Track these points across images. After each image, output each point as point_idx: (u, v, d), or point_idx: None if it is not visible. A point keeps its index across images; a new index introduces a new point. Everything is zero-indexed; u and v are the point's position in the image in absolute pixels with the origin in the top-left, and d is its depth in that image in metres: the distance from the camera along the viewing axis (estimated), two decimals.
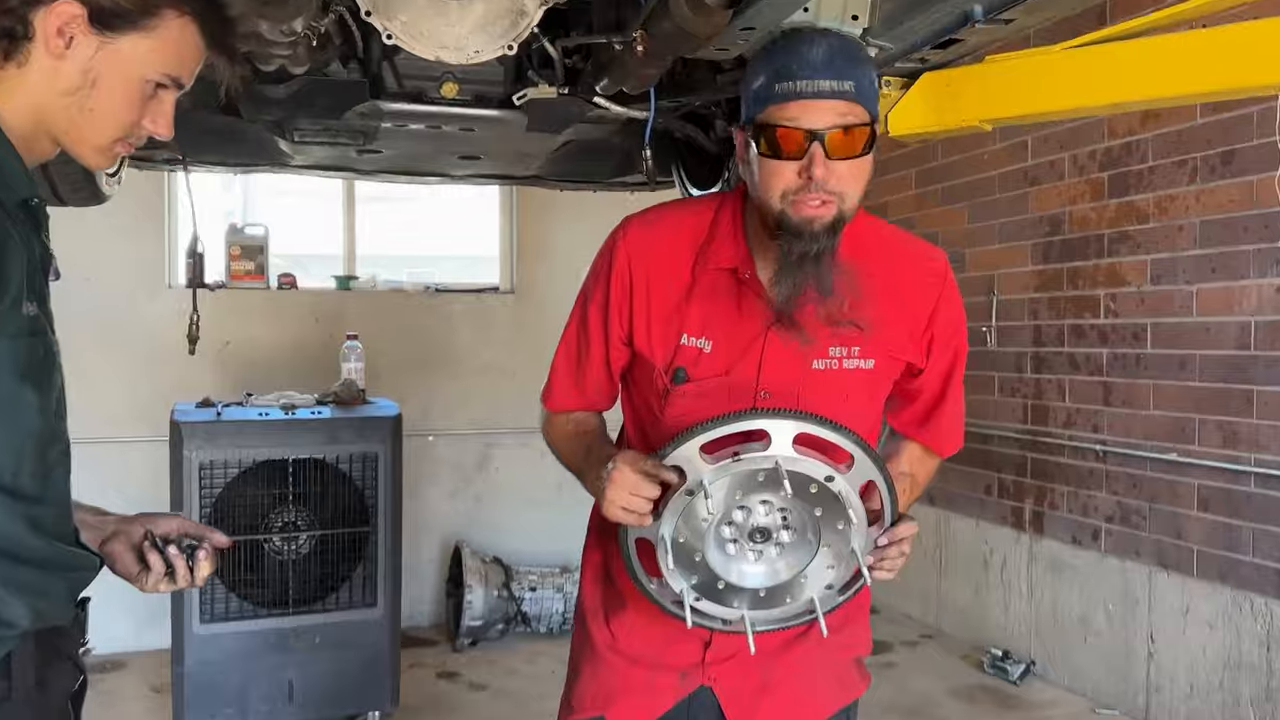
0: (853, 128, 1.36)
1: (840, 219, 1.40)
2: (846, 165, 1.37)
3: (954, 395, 1.63)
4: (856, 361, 1.52)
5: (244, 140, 2.79)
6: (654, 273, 1.54)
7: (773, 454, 1.31)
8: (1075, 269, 4.13)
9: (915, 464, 1.66)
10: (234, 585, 3.61)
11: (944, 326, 1.58)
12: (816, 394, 1.48)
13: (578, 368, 1.64)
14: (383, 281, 5.16)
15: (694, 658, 1.58)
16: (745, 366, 1.49)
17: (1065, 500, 4.19)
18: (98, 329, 4.62)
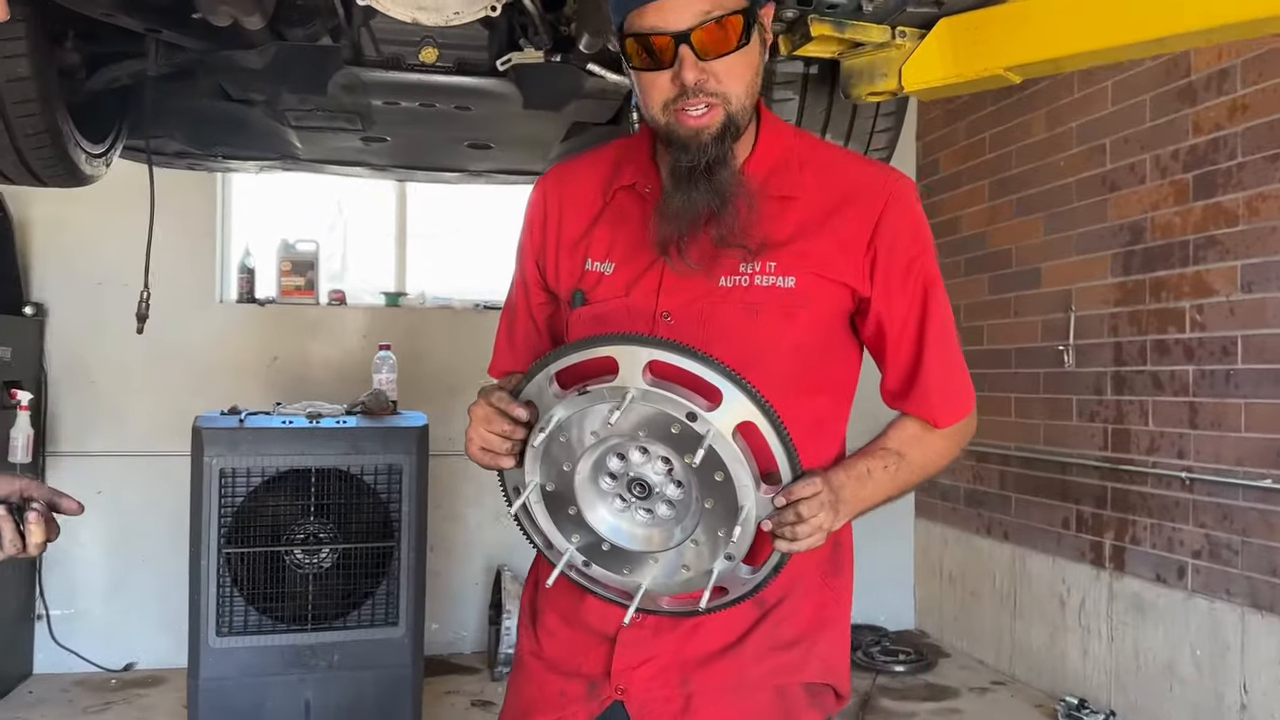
0: (721, 19, 1.21)
1: (730, 123, 1.26)
2: (723, 63, 1.24)
3: (936, 347, 1.36)
4: (772, 279, 1.30)
5: (249, 130, 2.71)
6: (566, 203, 1.43)
7: (621, 385, 1.11)
8: (1158, 279, 3.78)
9: (907, 442, 1.36)
10: (252, 598, 3.49)
11: (890, 244, 1.33)
12: (719, 313, 1.30)
13: (510, 324, 1.52)
14: (431, 299, 5.07)
15: (600, 664, 1.35)
16: (645, 287, 1.34)
17: (1149, 534, 3.80)
18: (146, 342, 4.60)
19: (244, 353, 4.80)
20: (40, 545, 1.25)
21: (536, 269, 1.47)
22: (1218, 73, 3.51)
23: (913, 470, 1.37)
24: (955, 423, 1.38)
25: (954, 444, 1.41)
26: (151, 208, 2.44)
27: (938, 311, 1.36)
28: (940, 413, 1.37)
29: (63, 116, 2.09)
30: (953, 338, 1.38)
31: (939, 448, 1.39)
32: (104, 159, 2.44)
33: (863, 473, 1.30)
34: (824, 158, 1.40)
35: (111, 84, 2.29)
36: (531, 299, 1.49)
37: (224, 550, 3.45)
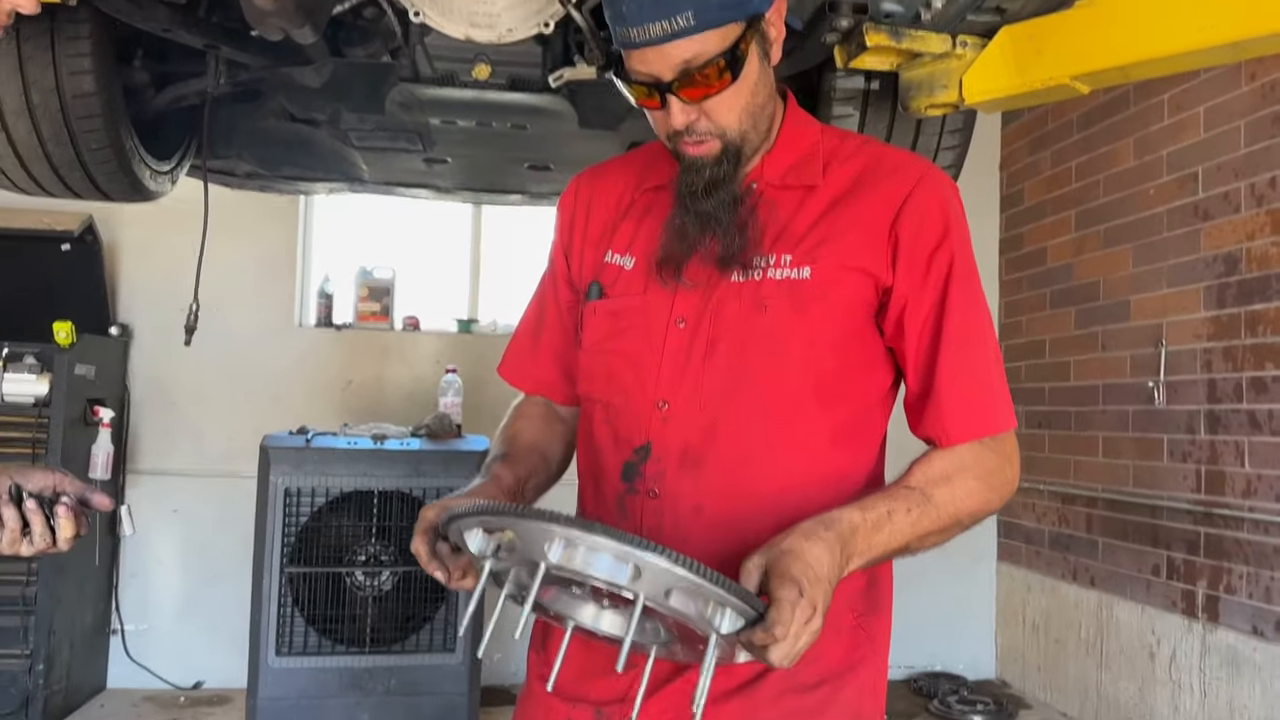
0: (702, 67, 1.17)
1: (730, 148, 1.24)
2: (713, 102, 1.21)
3: (954, 345, 1.23)
4: (785, 271, 1.23)
5: (316, 151, 2.75)
6: (596, 200, 1.42)
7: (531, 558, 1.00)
8: (1255, 313, 3.57)
9: (933, 481, 1.21)
10: (312, 619, 3.51)
11: (915, 227, 1.24)
12: (726, 310, 1.25)
13: (535, 327, 1.49)
14: (503, 325, 5.09)
15: (607, 691, 1.27)
16: (659, 284, 1.29)
17: (1245, 583, 3.56)
18: (226, 364, 4.73)
19: (320, 376, 4.87)
20: (69, 540, 1.25)
21: (565, 263, 1.44)
22: None
23: (939, 516, 1.20)
24: (970, 439, 1.23)
25: (989, 487, 1.24)
26: (205, 223, 2.49)
27: (960, 307, 1.24)
28: (950, 424, 1.23)
29: (127, 132, 2.14)
30: (979, 341, 1.26)
31: (971, 489, 1.23)
32: (170, 176, 2.49)
33: (881, 516, 1.16)
34: (852, 147, 1.34)
35: (177, 102, 2.34)
36: (560, 296, 1.45)
37: (286, 569, 3.47)
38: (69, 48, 1.92)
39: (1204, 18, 1.51)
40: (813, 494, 1.23)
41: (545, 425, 1.47)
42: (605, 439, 1.32)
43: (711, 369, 1.25)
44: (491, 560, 1.05)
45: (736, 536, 1.21)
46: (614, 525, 1.26)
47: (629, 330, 1.31)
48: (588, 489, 1.38)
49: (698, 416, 1.25)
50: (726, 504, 1.24)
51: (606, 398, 1.33)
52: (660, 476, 1.26)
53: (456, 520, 1.07)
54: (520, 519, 0.99)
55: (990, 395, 1.26)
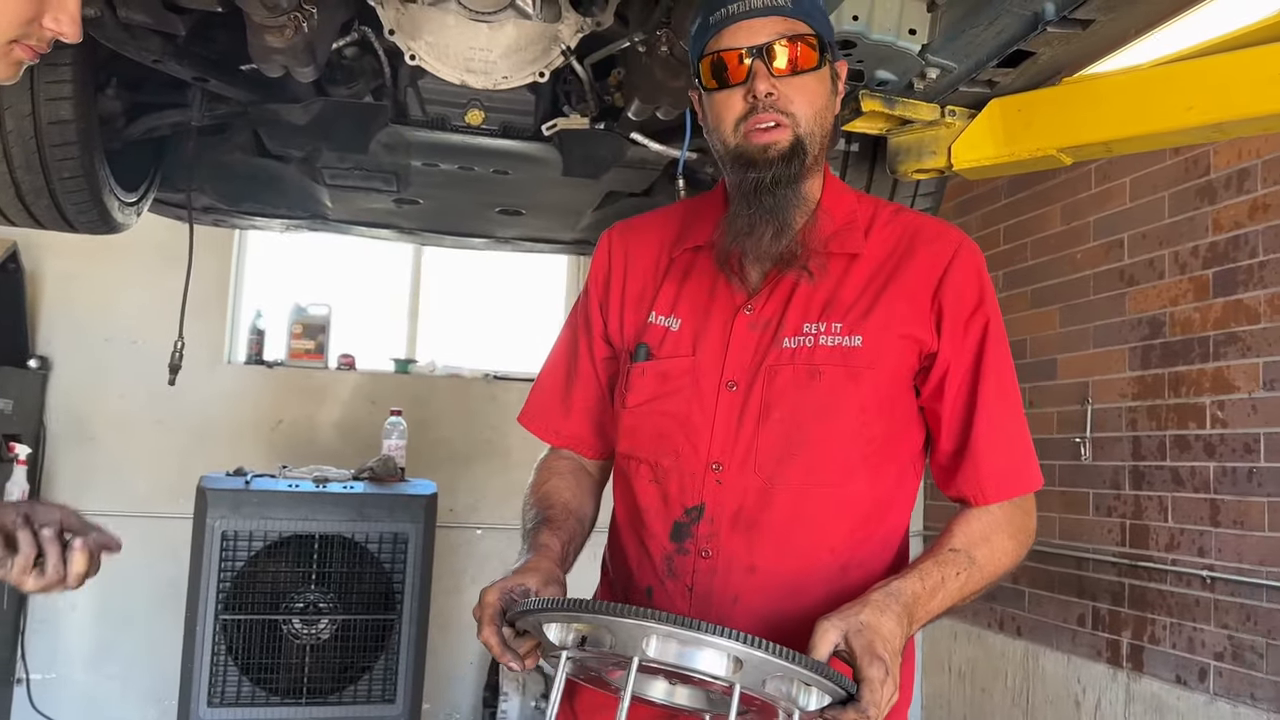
0: (796, 39, 1.26)
1: (798, 146, 1.27)
2: (794, 82, 1.27)
3: (991, 405, 1.28)
4: (837, 339, 1.28)
5: (281, 187, 2.71)
6: (632, 257, 1.43)
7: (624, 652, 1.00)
8: (1178, 374, 3.75)
9: (975, 543, 1.27)
10: (247, 668, 3.37)
11: (957, 293, 1.30)
12: (780, 376, 1.28)
13: (566, 380, 1.48)
14: (442, 367, 5.03)
15: None
16: (711, 348, 1.32)
17: (1168, 633, 3.71)
18: (149, 401, 4.56)
19: (249, 415, 4.74)
20: (80, 577, 1.20)
21: (601, 319, 1.45)
22: (1238, 172, 3.54)
23: (981, 576, 1.26)
24: (1005, 498, 1.29)
25: (1019, 544, 1.30)
26: (189, 262, 2.42)
27: (995, 369, 1.30)
28: (988, 484, 1.28)
29: (100, 162, 2.08)
30: (1012, 402, 1.32)
31: (1006, 548, 1.29)
32: (135, 208, 2.42)
33: (937, 583, 1.21)
34: (887, 215, 1.39)
35: (150, 133, 2.28)
36: (595, 352, 1.46)
37: (221, 616, 3.34)
38: (49, 74, 1.85)
39: (1189, 99, 1.60)
40: (860, 553, 1.28)
41: (577, 483, 1.46)
42: (652, 499, 1.33)
43: (766, 433, 1.27)
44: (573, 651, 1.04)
45: (788, 595, 1.26)
46: (659, 585, 1.27)
47: (679, 392, 1.32)
48: (630, 547, 1.38)
49: (752, 479, 1.27)
50: (779, 564, 1.27)
51: (655, 458, 1.33)
52: (713, 537, 1.28)
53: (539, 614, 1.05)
54: (619, 619, 0.98)
55: (1023, 455, 1.32)
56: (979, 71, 1.77)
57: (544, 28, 2.02)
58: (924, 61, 1.78)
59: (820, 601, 1.26)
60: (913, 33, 1.74)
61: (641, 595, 1.34)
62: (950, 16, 1.70)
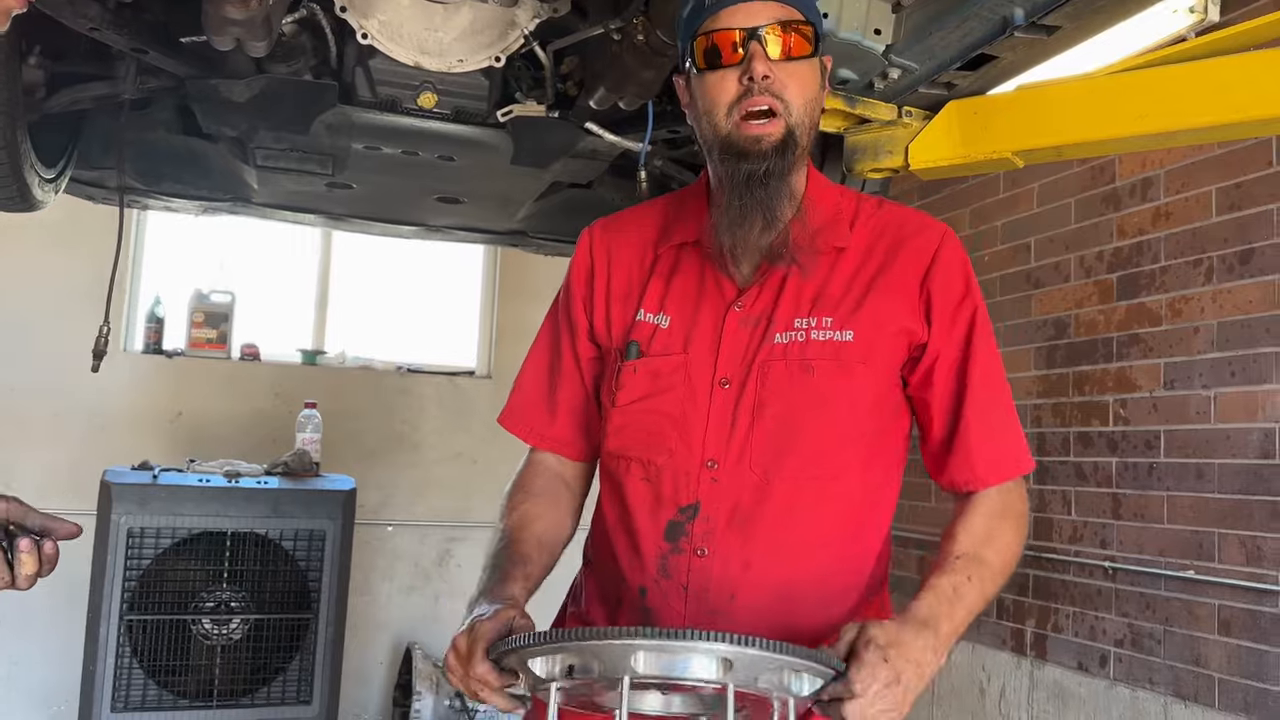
0: (791, 24, 1.27)
1: (790, 137, 1.27)
2: (790, 68, 1.27)
3: (980, 391, 1.30)
4: (829, 333, 1.29)
5: (205, 166, 2.59)
6: (615, 255, 1.42)
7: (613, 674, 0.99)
8: (1082, 374, 3.92)
9: (980, 542, 1.26)
10: (153, 670, 3.23)
11: (944, 284, 1.33)
12: (773, 371, 1.28)
13: (549, 380, 1.45)
14: (351, 358, 4.90)
15: None
16: (703, 345, 1.32)
17: (1071, 622, 3.87)
18: (38, 391, 4.32)
19: (146, 406, 4.53)
20: (30, 578, 1.11)
21: (586, 317, 1.43)
22: (1141, 181, 3.71)
23: (995, 575, 1.26)
24: (999, 481, 1.30)
25: (1019, 531, 1.31)
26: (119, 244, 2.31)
27: (982, 356, 1.32)
28: (981, 469, 1.29)
29: (23, 134, 1.95)
30: (1000, 388, 1.34)
31: (1010, 540, 1.30)
32: (54, 185, 2.28)
33: (949, 594, 1.20)
34: (870, 208, 1.41)
35: (71, 106, 2.15)
36: (580, 351, 1.44)
37: (126, 617, 3.19)
38: None
39: (1141, 108, 1.67)
40: (851, 546, 1.30)
41: (553, 505, 1.44)
42: (643, 498, 1.32)
43: (760, 429, 1.28)
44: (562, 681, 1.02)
45: (782, 589, 1.26)
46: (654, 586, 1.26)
47: (671, 389, 1.31)
48: (620, 547, 1.36)
49: (748, 476, 1.27)
50: (773, 559, 1.27)
51: (646, 456, 1.32)
52: (709, 535, 1.28)
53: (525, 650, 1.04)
54: (605, 641, 0.97)
55: (1014, 439, 1.34)
56: (940, 73, 1.81)
57: (501, 12, 1.98)
58: (887, 62, 1.81)
59: (814, 594, 1.28)
60: (878, 33, 1.76)
61: (635, 595, 1.32)
62: (916, 19, 1.73)
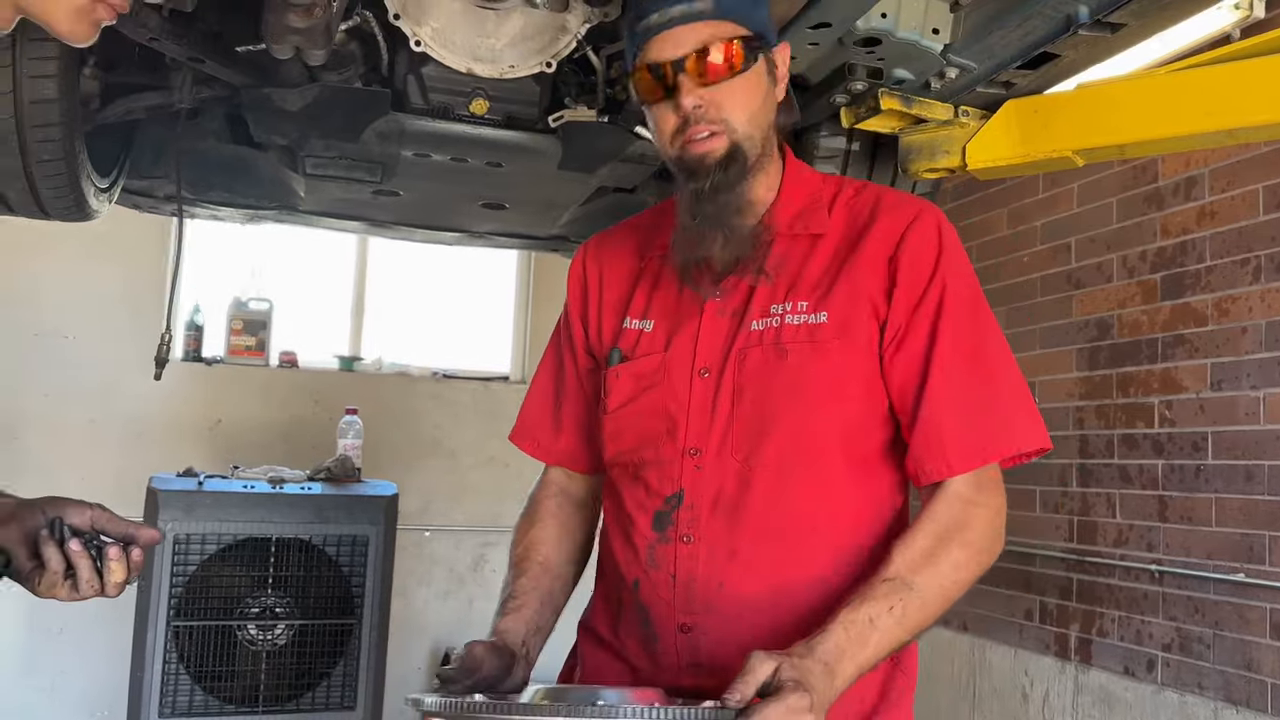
0: (721, 43, 1.23)
1: (736, 151, 1.26)
2: (722, 89, 1.24)
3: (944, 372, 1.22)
4: (804, 316, 1.28)
5: (253, 175, 2.60)
6: (607, 268, 1.46)
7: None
8: (1126, 375, 3.87)
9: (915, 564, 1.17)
10: (200, 676, 3.25)
11: (911, 259, 1.27)
12: (750, 358, 1.28)
13: (554, 396, 1.49)
14: (388, 364, 4.92)
15: None
16: (683, 341, 1.33)
17: (1116, 626, 3.82)
18: (80, 400, 4.37)
19: (186, 414, 4.56)
20: (119, 586, 1.12)
21: (582, 331, 1.46)
22: (1185, 180, 3.67)
23: (925, 603, 1.16)
24: (970, 468, 1.20)
25: (978, 551, 1.21)
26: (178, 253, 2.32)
27: (950, 336, 1.23)
28: (951, 452, 1.20)
29: (80, 145, 1.96)
30: (970, 368, 1.24)
31: (958, 561, 1.19)
32: (108, 195, 2.29)
33: (864, 626, 1.12)
34: (851, 190, 1.38)
35: (125, 116, 2.16)
36: (580, 365, 1.47)
37: (172, 623, 3.21)
38: (34, 49, 1.73)
39: (1207, 105, 1.64)
40: (840, 533, 1.27)
41: (561, 528, 1.48)
42: (634, 494, 1.34)
43: (740, 416, 1.27)
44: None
45: (770, 577, 1.25)
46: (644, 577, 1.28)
47: (654, 387, 1.33)
48: (616, 544, 1.38)
49: (730, 463, 1.27)
50: (760, 547, 1.26)
51: (636, 454, 1.34)
52: (695, 522, 1.28)
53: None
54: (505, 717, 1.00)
55: (992, 421, 1.23)
56: (999, 72, 1.79)
57: (551, 17, 1.98)
58: (945, 61, 1.79)
59: (805, 585, 1.25)
60: (936, 32, 1.75)
61: (628, 589, 1.33)
62: (976, 17, 1.72)
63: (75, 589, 1.13)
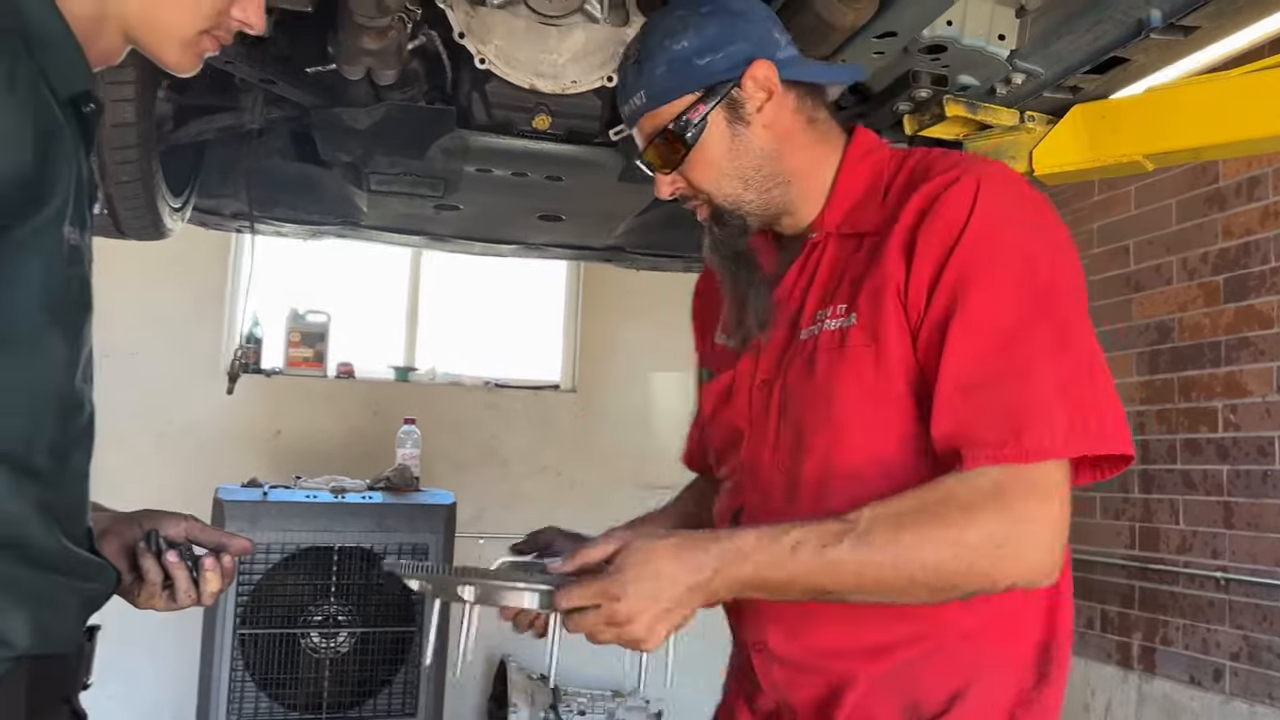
0: (657, 138, 1.25)
1: (721, 211, 1.28)
2: (686, 167, 1.26)
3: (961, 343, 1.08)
4: (839, 321, 1.20)
5: (318, 191, 2.65)
6: (708, 295, 1.48)
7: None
8: (1188, 379, 3.81)
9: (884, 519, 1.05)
10: (265, 683, 3.30)
11: (932, 225, 1.13)
12: (794, 368, 1.25)
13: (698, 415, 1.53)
14: (441, 374, 4.97)
15: None
16: (749, 354, 1.33)
17: (1181, 635, 3.76)
18: (147, 411, 4.46)
19: (247, 425, 4.64)
20: (214, 595, 1.15)
21: (699, 353, 1.51)
22: (1248, 180, 3.61)
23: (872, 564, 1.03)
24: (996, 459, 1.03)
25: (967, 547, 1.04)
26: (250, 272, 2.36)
27: (978, 303, 1.08)
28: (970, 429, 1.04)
29: (156, 166, 2.02)
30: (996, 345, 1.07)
31: (933, 538, 1.03)
32: (181, 214, 2.36)
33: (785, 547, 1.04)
34: (908, 166, 1.24)
35: (198, 137, 2.22)
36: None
37: (238, 631, 3.27)
38: (113, 74, 1.78)
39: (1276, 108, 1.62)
40: None
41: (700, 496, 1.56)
42: (719, 505, 1.37)
43: (785, 429, 1.24)
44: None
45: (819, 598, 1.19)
46: None
47: (726, 402, 1.35)
48: None
49: (778, 477, 1.25)
50: None
51: (719, 467, 1.40)
52: None
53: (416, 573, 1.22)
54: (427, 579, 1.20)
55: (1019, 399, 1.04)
56: (1066, 77, 1.78)
57: (612, 31, 2.00)
58: (1011, 67, 1.78)
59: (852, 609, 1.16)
60: (1002, 38, 1.74)
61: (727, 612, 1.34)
62: (1043, 23, 1.71)
63: (173, 599, 1.16)
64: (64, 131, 0.95)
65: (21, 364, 0.93)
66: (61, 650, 1.02)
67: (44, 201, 0.92)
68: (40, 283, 0.94)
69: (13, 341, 0.92)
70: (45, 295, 0.94)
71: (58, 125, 0.94)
